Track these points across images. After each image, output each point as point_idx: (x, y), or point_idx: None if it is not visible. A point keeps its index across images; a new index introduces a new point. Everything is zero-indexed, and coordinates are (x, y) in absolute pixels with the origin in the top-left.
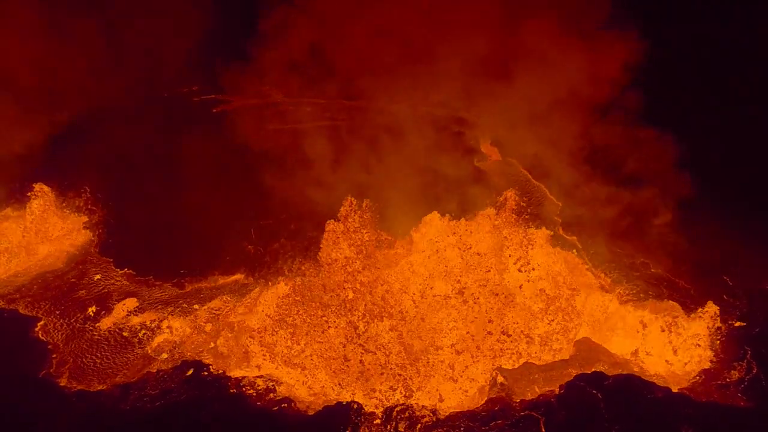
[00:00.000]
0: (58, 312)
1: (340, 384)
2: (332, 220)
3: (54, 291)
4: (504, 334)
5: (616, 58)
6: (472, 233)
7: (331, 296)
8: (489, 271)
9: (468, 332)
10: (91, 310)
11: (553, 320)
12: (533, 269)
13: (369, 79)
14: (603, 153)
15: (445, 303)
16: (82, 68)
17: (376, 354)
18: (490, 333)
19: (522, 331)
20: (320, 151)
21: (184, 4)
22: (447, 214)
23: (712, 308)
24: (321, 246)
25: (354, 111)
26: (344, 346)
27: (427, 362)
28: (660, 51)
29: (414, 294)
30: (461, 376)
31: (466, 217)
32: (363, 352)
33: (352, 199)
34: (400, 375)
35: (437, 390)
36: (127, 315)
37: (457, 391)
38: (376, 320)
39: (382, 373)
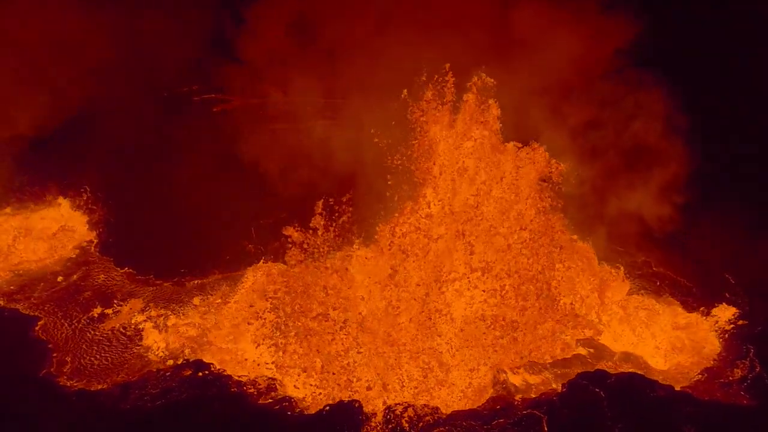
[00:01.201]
0: (60, 313)
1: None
2: (292, 227)
3: (58, 292)
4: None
5: (617, 45)
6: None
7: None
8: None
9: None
10: (96, 311)
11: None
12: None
13: (368, 76)
14: (603, 150)
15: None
16: (83, 66)
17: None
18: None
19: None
20: (321, 150)
21: (185, 3)
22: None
23: (717, 308)
24: (286, 261)
25: (354, 109)
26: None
27: None
28: (664, 41)
29: (414, 347)
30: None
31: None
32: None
33: (330, 199)
34: None
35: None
36: (128, 314)
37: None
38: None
39: None
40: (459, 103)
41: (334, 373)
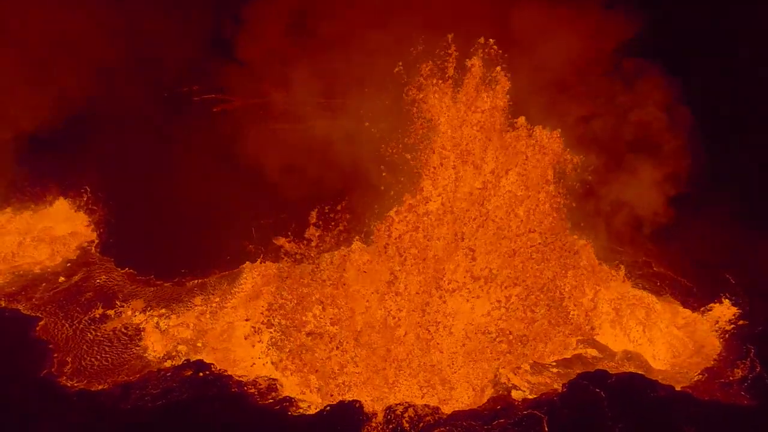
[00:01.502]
0: (61, 313)
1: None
2: (284, 238)
3: (59, 293)
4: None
5: (616, 44)
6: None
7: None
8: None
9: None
10: (97, 312)
11: None
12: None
13: (367, 73)
14: (602, 149)
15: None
16: (84, 66)
17: None
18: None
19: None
20: (321, 150)
21: (185, 3)
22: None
23: (718, 308)
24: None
25: (355, 109)
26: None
27: None
28: (664, 41)
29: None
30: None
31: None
32: None
33: (326, 207)
34: None
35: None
36: (129, 315)
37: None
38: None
39: None
40: (462, 80)
41: (331, 395)
